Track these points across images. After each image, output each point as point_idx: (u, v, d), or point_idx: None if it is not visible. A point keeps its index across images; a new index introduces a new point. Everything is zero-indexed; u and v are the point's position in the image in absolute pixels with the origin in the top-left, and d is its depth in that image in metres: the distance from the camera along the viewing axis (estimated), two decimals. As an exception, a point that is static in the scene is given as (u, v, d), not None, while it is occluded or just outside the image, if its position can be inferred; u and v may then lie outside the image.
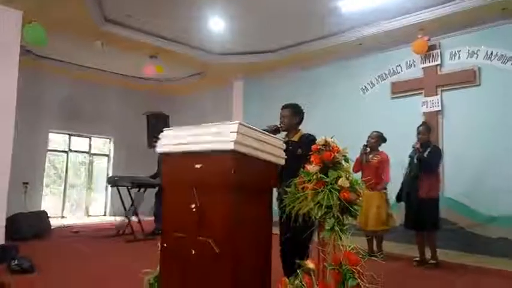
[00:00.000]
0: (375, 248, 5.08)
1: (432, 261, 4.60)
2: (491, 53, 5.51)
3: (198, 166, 2.37)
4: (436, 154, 4.69)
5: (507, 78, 5.37)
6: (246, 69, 8.35)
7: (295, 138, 3.26)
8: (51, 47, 7.36)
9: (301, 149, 3.04)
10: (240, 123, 2.23)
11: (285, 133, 3.37)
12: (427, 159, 4.60)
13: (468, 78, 5.65)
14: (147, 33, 6.93)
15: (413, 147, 4.74)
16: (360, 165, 5.08)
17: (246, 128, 2.30)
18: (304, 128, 3.42)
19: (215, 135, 2.29)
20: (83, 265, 4.38)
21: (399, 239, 5.54)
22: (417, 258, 4.74)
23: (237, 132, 2.19)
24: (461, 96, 5.76)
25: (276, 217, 2.75)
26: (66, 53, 8.11)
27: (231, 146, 2.16)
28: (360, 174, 5.07)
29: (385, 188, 5.02)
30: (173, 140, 2.58)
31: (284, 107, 3.39)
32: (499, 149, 5.33)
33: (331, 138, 2.54)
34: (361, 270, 1.96)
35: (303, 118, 3.40)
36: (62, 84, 8.94)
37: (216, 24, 6.56)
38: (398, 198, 4.94)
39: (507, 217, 5.16)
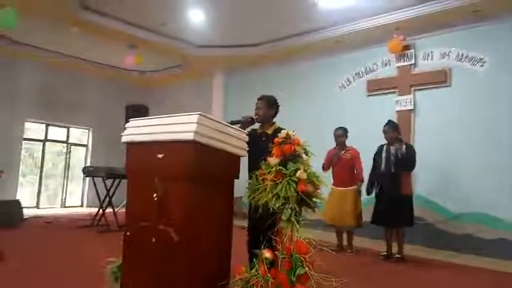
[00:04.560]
0: (344, 243, 5.19)
1: (398, 256, 4.73)
2: (462, 55, 5.67)
3: (160, 156, 2.40)
4: (414, 152, 4.73)
5: (476, 80, 5.54)
6: (227, 62, 8.36)
7: (269, 131, 3.25)
8: (28, 32, 7.26)
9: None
10: (200, 114, 2.27)
11: (259, 124, 3.39)
12: (409, 157, 4.63)
13: (440, 79, 5.81)
14: (125, 23, 6.86)
15: (389, 146, 4.74)
16: (329, 162, 5.12)
17: (207, 119, 2.34)
18: (283, 122, 3.41)
19: (176, 126, 2.33)
20: (52, 255, 4.36)
21: (368, 234, 5.67)
22: (384, 253, 4.86)
23: (197, 123, 2.23)
24: (433, 95, 5.92)
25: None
26: (44, 40, 7.95)
27: (190, 137, 2.20)
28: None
29: (358, 184, 5.08)
30: (137, 130, 2.61)
31: (259, 99, 3.37)
32: (467, 149, 5.51)
33: (293, 131, 2.61)
34: (307, 259, 2.03)
35: (278, 111, 3.38)
36: (39, 72, 8.76)
37: (196, 16, 6.56)
38: (368, 191, 4.93)
39: (472, 214, 5.36)
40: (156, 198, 2.41)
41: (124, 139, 2.70)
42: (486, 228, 5.19)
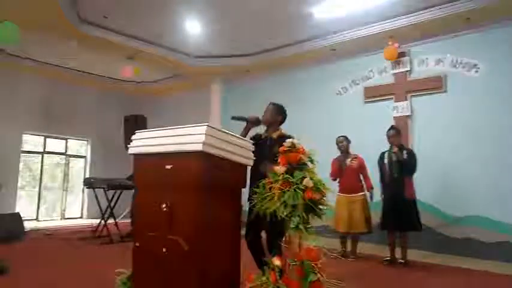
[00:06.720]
0: (348, 249, 5.23)
1: (401, 261, 4.77)
2: (457, 61, 5.78)
3: (168, 167, 2.44)
4: (415, 156, 4.81)
5: (471, 85, 5.65)
6: (223, 72, 8.44)
7: (274, 135, 3.35)
8: (27, 46, 7.31)
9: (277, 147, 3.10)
10: (208, 126, 2.32)
11: (265, 129, 3.46)
12: (409, 161, 4.72)
13: (435, 85, 5.91)
14: (124, 35, 6.94)
15: (391, 151, 4.82)
16: (339, 171, 5.20)
17: (215, 130, 2.39)
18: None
19: (184, 137, 2.37)
20: (58, 267, 4.36)
21: (371, 240, 5.71)
22: (387, 258, 4.89)
23: (205, 134, 2.28)
24: (429, 101, 6.01)
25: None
26: (42, 53, 8.02)
27: (199, 148, 2.25)
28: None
29: (371, 192, 5.15)
30: (145, 141, 2.65)
31: (270, 103, 3.49)
32: (465, 153, 5.59)
33: (298, 140, 2.67)
34: (320, 265, 2.07)
35: (284, 119, 3.49)
36: (37, 85, 8.83)
37: (194, 28, 6.64)
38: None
39: (472, 218, 5.42)
40: (165, 209, 2.45)
41: (131, 151, 2.74)
42: (486, 232, 5.25)
